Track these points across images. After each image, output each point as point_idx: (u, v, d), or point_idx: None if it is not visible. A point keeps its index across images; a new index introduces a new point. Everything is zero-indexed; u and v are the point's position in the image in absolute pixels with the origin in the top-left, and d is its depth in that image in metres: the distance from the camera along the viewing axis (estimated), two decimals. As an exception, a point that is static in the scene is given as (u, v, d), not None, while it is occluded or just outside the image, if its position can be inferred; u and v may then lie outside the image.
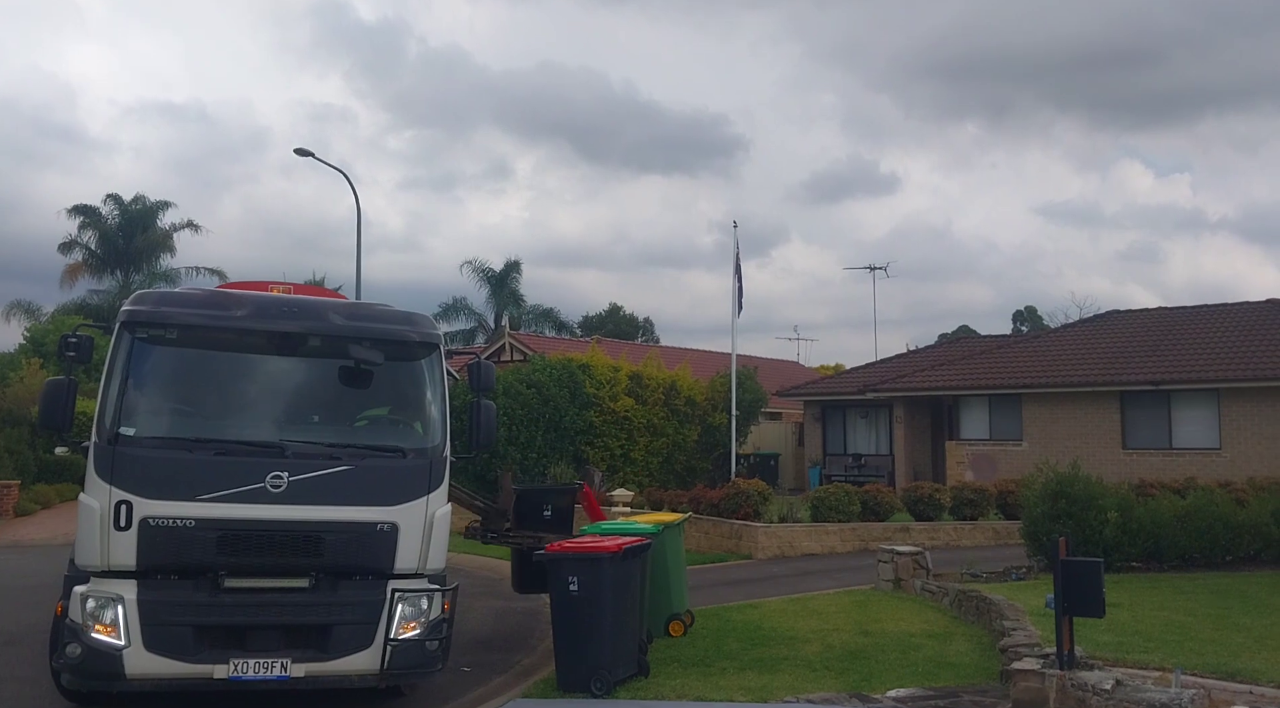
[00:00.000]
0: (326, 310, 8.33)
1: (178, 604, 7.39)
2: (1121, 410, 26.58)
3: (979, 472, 27.27)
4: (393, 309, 8.79)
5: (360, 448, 8.00)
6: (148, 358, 7.88)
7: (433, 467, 8.09)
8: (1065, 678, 7.84)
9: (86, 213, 44.88)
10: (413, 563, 7.88)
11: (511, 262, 50.88)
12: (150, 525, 7.32)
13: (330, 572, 7.71)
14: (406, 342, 8.38)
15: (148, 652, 7.26)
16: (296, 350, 8.16)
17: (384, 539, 7.78)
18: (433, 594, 7.97)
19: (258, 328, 7.99)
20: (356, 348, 8.04)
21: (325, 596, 7.69)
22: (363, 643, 7.67)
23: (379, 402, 8.52)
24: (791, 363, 50.37)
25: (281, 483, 7.53)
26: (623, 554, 9.15)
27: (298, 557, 7.62)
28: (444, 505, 8.13)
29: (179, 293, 8.81)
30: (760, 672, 9.44)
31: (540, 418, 25.01)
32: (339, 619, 7.67)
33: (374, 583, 7.80)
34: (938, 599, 13.05)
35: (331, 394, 8.29)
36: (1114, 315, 32.43)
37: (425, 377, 8.42)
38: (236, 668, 7.38)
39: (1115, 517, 14.55)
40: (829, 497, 20.08)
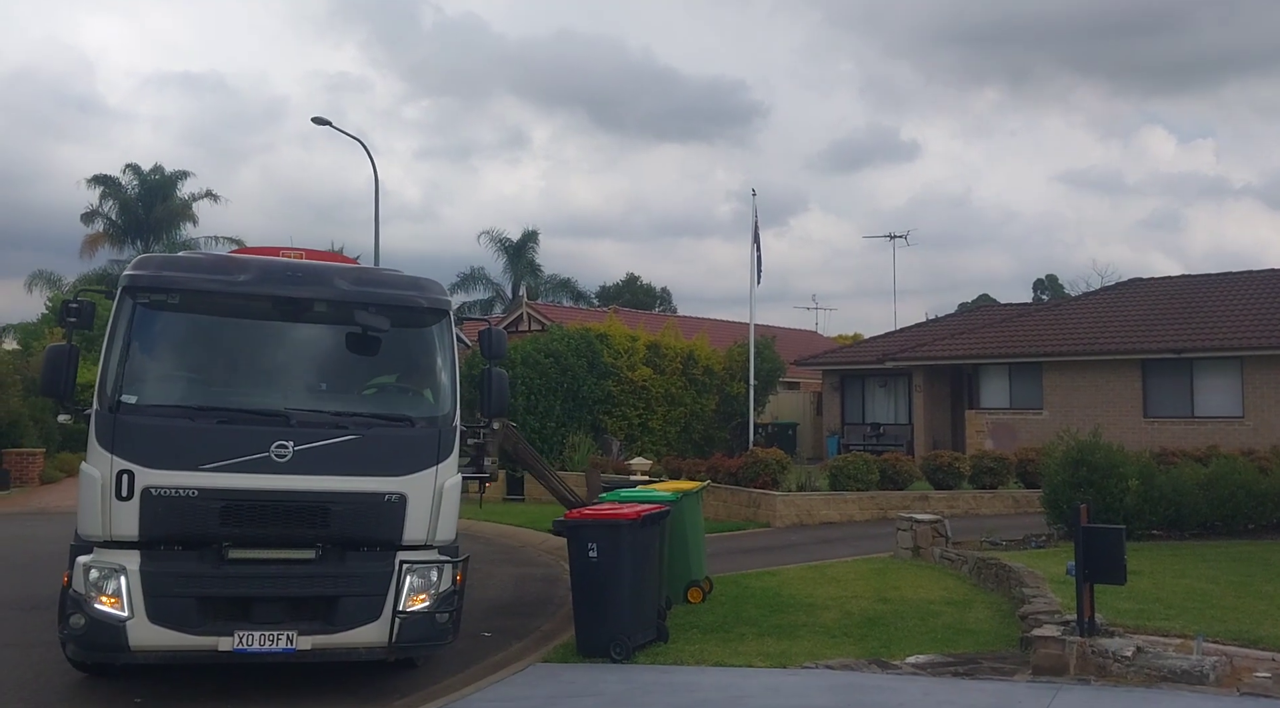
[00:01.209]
0: (333, 275, 8.13)
1: (181, 575, 7.27)
2: (1143, 379, 26.40)
3: (999, 441, 27.16)
4: (402, 275, 8.63)
5: (367, 417, 7.84)
6: (150, 324, 7.73)
7: (442, 436, 7.91)
8: (1086, 645, 7.83)
9: (106, 183, 45.06)
10: (421, 534, 7.74)
11: (529, 232, 50.82)
12: (152, 495, 7.21)
13: (337, 543, 7.58)
14: (415, 307, 8.20)
15: (151, 624, 7.16)
16: (302, 316, 8.01)
17: (392, 510, 7.63)
18: (442, 566, 7.83)
19: (262, 293, 7.83)
20: (363, 314, 7.85)
21: (332, 567, 7.55)
22: (371, 615, 7.53)
23: (387, 369, 8.35)
24: (810, 332, 50.21)
25: (286, 452, 7.39)
26: (641, 521, 9.18)
27: (303, 528, 7.48)
28: (454, 476, 7.96)
29: (182, 257, 8.64)
30: (779, 638, 9.47)
31: (558, 388, 25.04)
32: (346, 591, 7.53)
33: (382, 555, 7.65)
34: (957, 567, 13.04)
35: (338, 362, 8.11)
36: (1136, 283, 32.12)
37: (434, 344, 8.23)
38: (242, 641, 7.26)
39: (1136, 485, 14.47)
40: (847, 465, 20.05)
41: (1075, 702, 7.20)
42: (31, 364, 29.52)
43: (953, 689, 7.71)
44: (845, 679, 8.07)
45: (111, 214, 45.00)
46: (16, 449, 25.67)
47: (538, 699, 7.86)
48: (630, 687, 8.01)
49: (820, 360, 34.40)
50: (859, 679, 8.07)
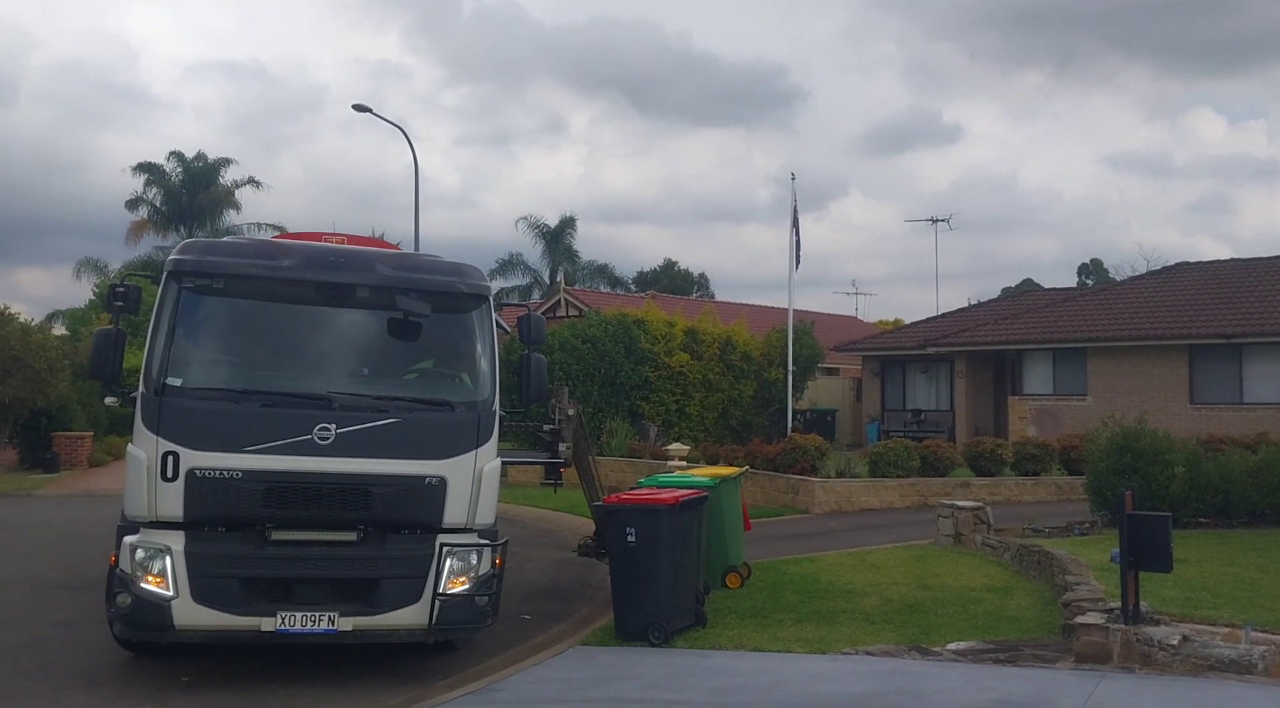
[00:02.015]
0: (375, 261, 8.21)
1: (225, 556, 7.39)
2: (1190, 364, 25.94)
3: (1042, 427, 26.84)
4: (442, 260, 8.69)
5: (408, 401, 7.93)
6: (195, 308, 7.85)
7: (481, 420, 7.97)
8: (1130, 632, 7.73)
9: (150, 170, 45.69)
10: (461, 518, 7.82)
11: (566, 217, 50.87)
12: (197, 476, 7.31)
13: (378, 525, 7.67)
14: (455, 293, 8.25)
15: (196, 603, 7.28)
16: (345, 301, 8.09)
17: (432, 493, 7.72)
18: (482, 549, 7.92)
19: (305, 278, 7.93)
20: (404, 299, 7.93)
21: (373, 549, 7.65)
22: (411, 598, 7.65)
23: (427, 354, 8.43)
24: (850, 318, 49.84)
25: (329, 435, 7.48)
26: (679, 506, 9.18)
27: (345, 510, 7.58)
28: (493, 460, 8.03)
29: (226, 242, 8.68)
30: (818, 624, 9.44)
31: (596, 373, 25.08)
32: (387, 573, 7.63)
33: (422, 537, 7.75)
34: (998, 554, 12.91)
35: (380, 346, 8.21)
36: (1183, 267, 31.54)
37: (474, 329, 8.28)
38: (284, 621, 7.39)
39: (1182, 472, 14.24)
40: (888, 452, 19.90)
41: (1118, 690, 7.11)
42: (80, 350, 30.08)
43: (993, 676, 7.65)
44: (885, 666, 8.03)
45: (156, 201, 45.64)
46: (65, 433, 26.17)
47: (577, 682, 7.91)
48: (668, 670, 8.02)
49: (860, 346, 34.15)
50: (898, 666, 8.03)
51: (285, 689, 7.77)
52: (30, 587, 11.47)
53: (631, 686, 7.68)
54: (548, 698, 7.50)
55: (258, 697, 7.60)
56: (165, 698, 7.58)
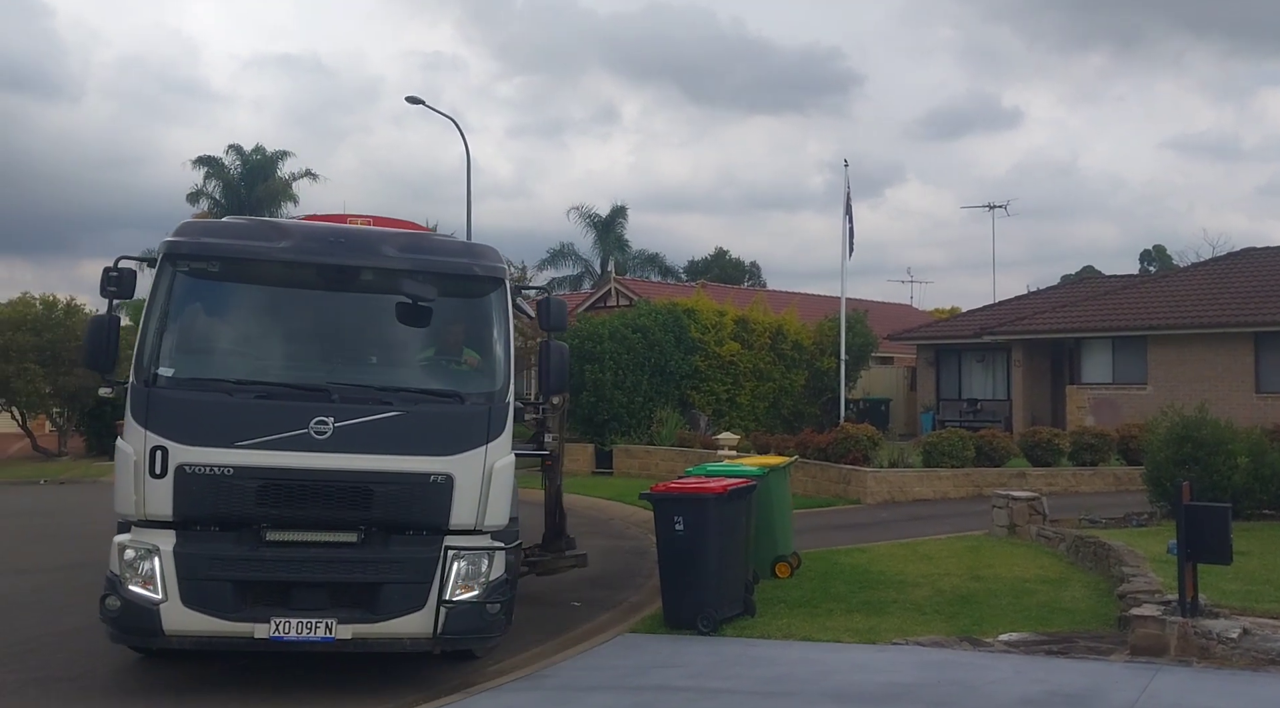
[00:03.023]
0: (380, 242, 7.71)
1: (217, 558, 7.00)
2: (1255, 352, 25.28)
3: (1100, 417, 26.35)
4: (454, 241, 8.24)
5: (414, 392, 7.43)
6: (189, 293, 7.41)
7: (493, 413, 7.42)
8: (1187, 625, 7.57)
9: (210, 164, 46.65)
10: (470, 518, 7.30)
11: (617, 207, 50.93)
12: (187, 473, 6.93)
13: (380, 526, 7.23)
14: (467, 276, 7.71)
15: (185, 607, 6.91)
16: (348, 285, 7.63)
17: (438, 492, 7.21)
18: (494, 553, 7.39)
19: (305, 260, 7.48)
20: (410, 282, 7.46)
21: (375, 552, 7.19)
22: (415, 604, 7.15)
23: (437, 342, 7.95)
24: (905, 306, 49.30)
25: (326, 429, 7.03)
26: (728, 495, 9.17)
27: (344, 509, 7.13)
28: (506, 456, 7.49)
29: (225, 223, 8.20)
30: (868, 614, 9.39)
31: (645, 362, 25.11)
32: (389, 578, 7.16)
33: (428, 539, 7.26)
34: (1053, 545, 12.72)
35: (386, 333, 7.77)
36: (1250, 253, 30.71)
37: (488, 315, 7.73)
38: (279, 628, 6.96)
39: (1246, 462, 13.87)
40: (941, 442, 19.68)
41: (1175, 683, 6.98)
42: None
43: (1046, 668, 7.54)
44: (935, 656, 7.96)
45: (215, 194, 46.58)
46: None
47: (625, 669, 7.95)
48: (716, 659, 8.03)
49: (915, 335, 33.78)
50: (949, 657, 7.95)
51: (329, 669, 7.80)
52: (94, 572, 11.77)
53: (678, 674, 7.70)
54: (595, 685, 7.55)
55: (307, 679, 7.69)
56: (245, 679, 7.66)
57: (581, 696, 7.29)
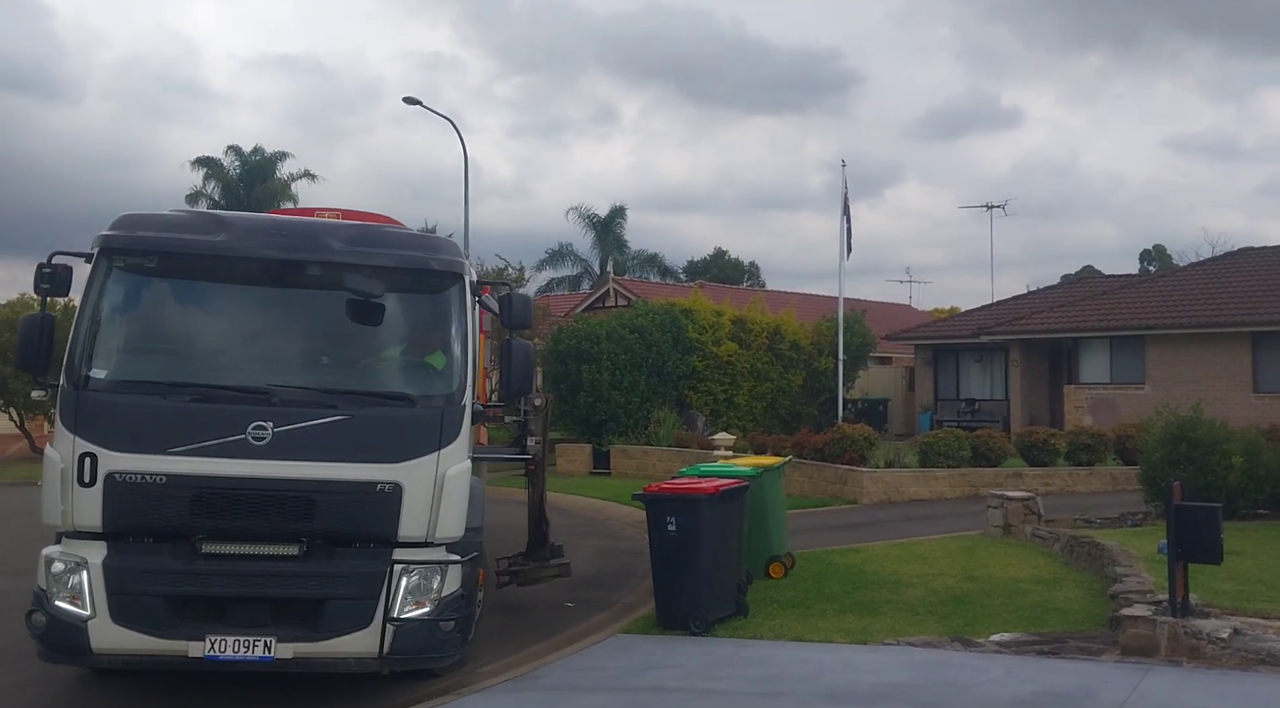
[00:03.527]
0: (327, 234, 7.29)
1: (149, 571, 6.61)
2: (1253, 352, 25.28)
3: (1098, 417, 26.35)
4: (409, 233, 7.79)
5: (360, 395, 7.01)
6: (124, 290, 7.04)
7: (446, 417, 6.98)
8: (1178, 625, 7.59)
9: (209, 165, 46.66)
10: (420, 530, 6.87)
11: (616, 207, 50.90)
12: (117, 481, 6.56)
13: (323, 538, 6.81)
14: (423, 270, 7.28)
15: (115, 624, 6.53)
16: (291, 280, 7.20)
17: (385, 502, 6.79)
18: (446, 567, 6.95)
19: (244, 254, 7.06)
20: (359, 277, 7.05)
21: (318, 566, 6.78)
22: (360, 622, 6.75)
23: (389, 341, 7.57)
24: (903, 306, 49.31)
25: (265, 435, 6.63)
26: (720, 496, 9.19)
27: (284, 520, 6.72)
28: (461, 462, 7.05)
29: (164, 215, 7.53)
30: (860, 615, 9.41)
31: (643, 363, 25.12)
32: (332, 593, 6.75)
33: (375, 552, 6.85)
34: (1048, 545, 12.73)
35: (333, 332, 7.36)
36: (1248, 253, 30.72)
37: (443, 312, 7.28)
38: (214, 646, 6.56)
39: (1241, 462, 13.89)
40: (938, 442, 19.70)
41: (1164, 684, 7.00)
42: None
43: (1036, 669, 7.56)
44: (926, 657, 7.98)
45: (215, 195, 46.57)
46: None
47: (617, 670, 7.97)
48: (708, 659, 8.05)
49: (913, 335, 33.79)
50: (940, 657, 7.98)
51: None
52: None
53: (671, 674, 7.72)
54: (588, 686, 7.57)
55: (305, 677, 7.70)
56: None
57: (574, 696, 7.31)
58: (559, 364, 25.43)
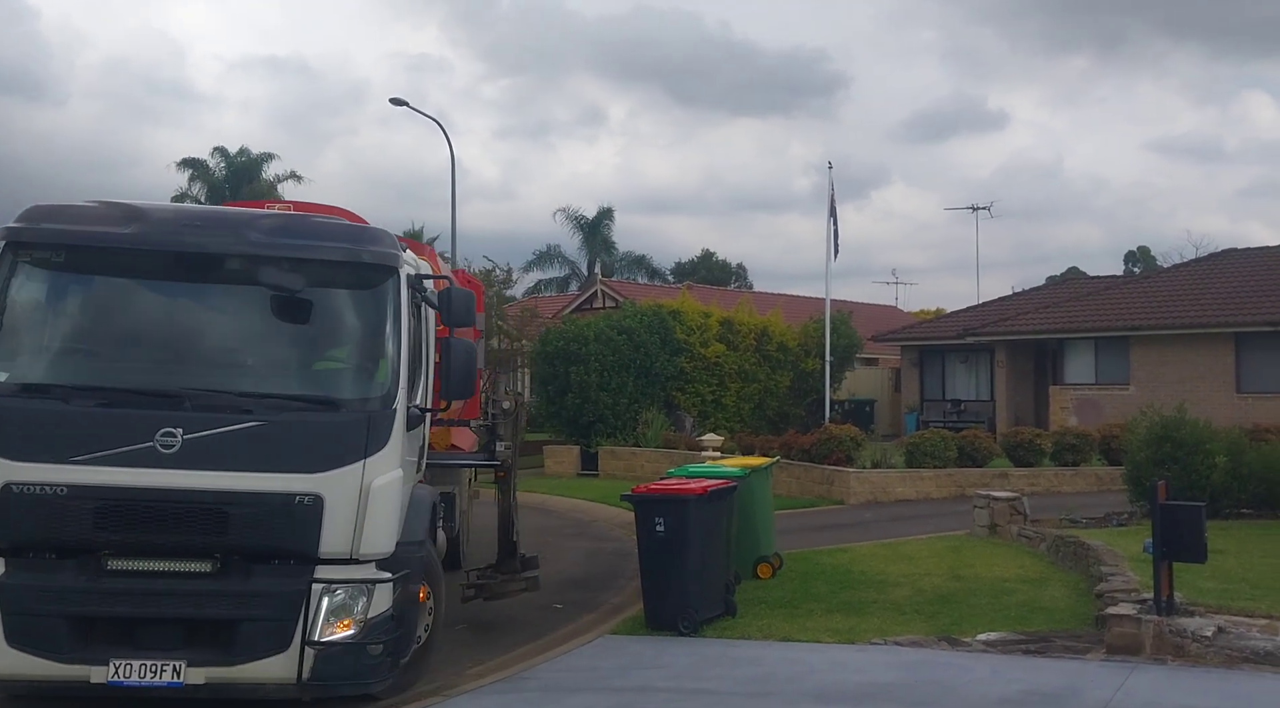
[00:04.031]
0: (247, 225, 6.84)
1: (49, 590, 6.16)
2: (1236, 352, 25.46)
3: (1083, 417, 26.49)
4: (341, 224, 7.24)
5: (280, 399, 6.52)
6: (29, 285, 6.66)
7: (373, 423, 6.49)
8: (1163, 624, 7.65)
9: (195, 166, 46.52)
10: (343, 546, 6.38)
11: (604, 209, 50.84)
12: (14, 493, 6.12)
13: (239, 554, 6.36)
14: (353, 263, 6.78)
15: (10, 647, 6.08)
16: (208, 275, 6.78)
17: (304, 515, 6.30)
18: (374, 586, 6.43)
19: (159, 248, 6.62)
20: (280, 271, 6.56)
21: (233, 584, 6.31)
22: (278, 645, 6.27)
23: (315, 340, 7.01)
24: (889, 307, 49.46)
25: (174, 442, 6.19)
26: (708, 496, 9.21)
27: (196, 535, 6.27)
28: (391, 472, 6.54)
29: (75, 207, 7.03)
30: (848, 614, 9.44)
31: (631, 364, 25.14)
32: (247, 614, 6.28)
33: (295, 570, 6.36)
34: (1034, 545, 12.80)
35: (254, 331, 6.90)
36: (1230, 254, 30.96)
37: (375, 308, 6.80)
38: (118, 671, 6.09)
39: (1224, 461, 14.00)
40: (924, 442, 19.77)
41: (1149, 682, 7.04)
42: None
43: (1022, 668, 7.60)
44: (913, 656, 8.01)
45: (200, 196, 46.37)
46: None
47: (606, 670, 7.98)
48: (696, 659, 8.06)
49: (899, 336, 33.91)
50: (927, 656, 8.01)
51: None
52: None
53: (659, 675, 7.73)
54: (576, 687, 7.57)
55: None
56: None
57: (562, 697, 7.30)
58: (547, 365, 25.42)
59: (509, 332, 28.08)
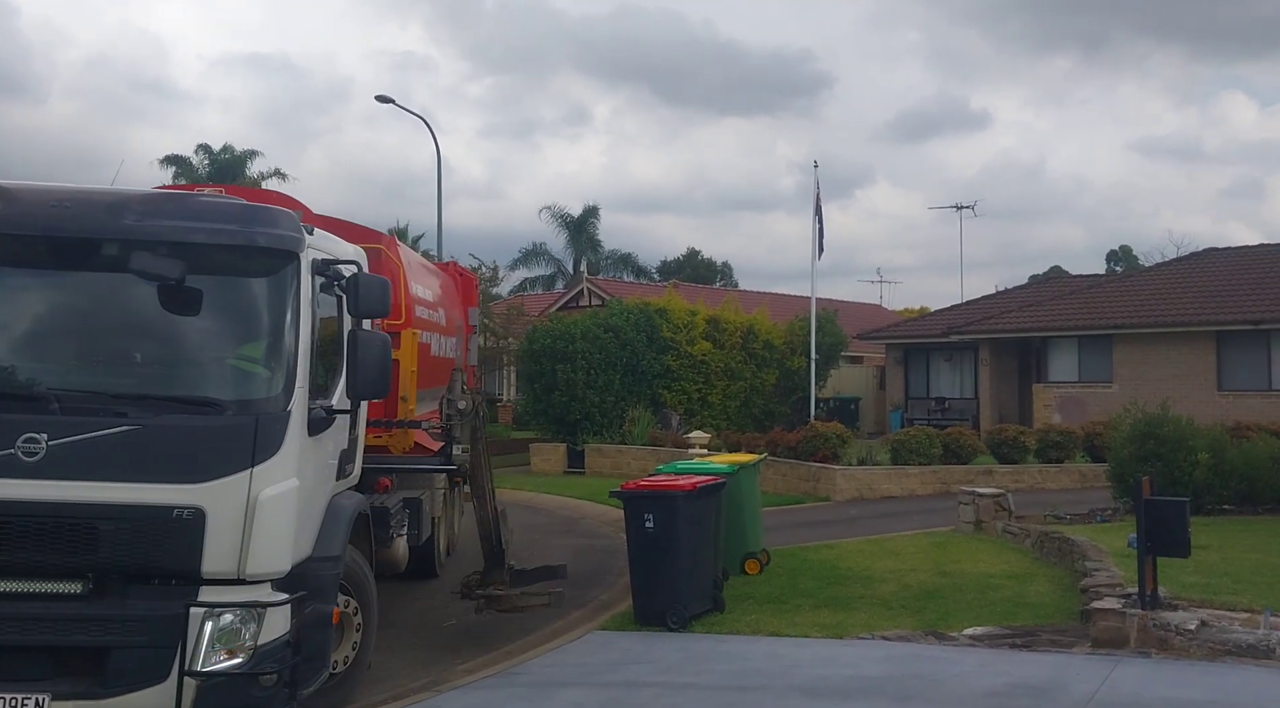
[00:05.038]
0: (123, 206, 6.11)
1: None
2: (1218, 351, 25.70)
3: (1067, 415, 26.67)
4: (231, 203, 6.47)
5: (158, 400, 5.89)
6: None
7: (262, 427, 5.84)
8: (1147, 617, 7.74)
9: (178, 163, 46.17)
10: (229, 564, 5.74)
11: (590, 207, 50.85)
12: None
13: (114, 574, 5.73)
14: (244, 247, 6.08)
15: None
16: (79, 262, 6.14)
17: (184, 530, 5.67)
18: (264, 610, 5.75)
19: (21, 231, 6.02)
20: (145, 257, 5.88)
21: (105, 607, 5.68)
22: (156, 675, 5.62)
23: (200, 334, 6.27)
24: (874, 306, 49.67)
25: (38, 448, 5.61)
26: (697, 493, 9.25)
27: (62, 552, 5.66)
28: (283, 482, 5.89)
29: None
30: (835, 609, 9.50)
31: (618, 362, 25.17)
32: (119, 641, 5.63)
33: (176, 592, 5.72)
34: (1019, 541, 12.90)
35: (133, 324, 6.27)
36: (1212, 253, 31.21)
37: (271, 298, 6.12)
38: None
39: (1206, 458, 14.16)
40: (909, 439, 19.88)
41: (1134, 675, 7.13)
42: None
43: (1009, 661, 7.67)
44: (900, 650, 8.08)
45: (185, 195, 46.16)
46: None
47: (595, 665, 8.00)
48: (685, 655, 8.10)
49: (883, 334, 34.04)
50: (914, 650, 8.08)
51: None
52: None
53: (648, 669, 7.77)
54: (566, 681, 7.60)
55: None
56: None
57: (552, 692, 7.33)
58: (533, 363, 25.42)
59: (495, 329, 28.05)
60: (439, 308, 11.51)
